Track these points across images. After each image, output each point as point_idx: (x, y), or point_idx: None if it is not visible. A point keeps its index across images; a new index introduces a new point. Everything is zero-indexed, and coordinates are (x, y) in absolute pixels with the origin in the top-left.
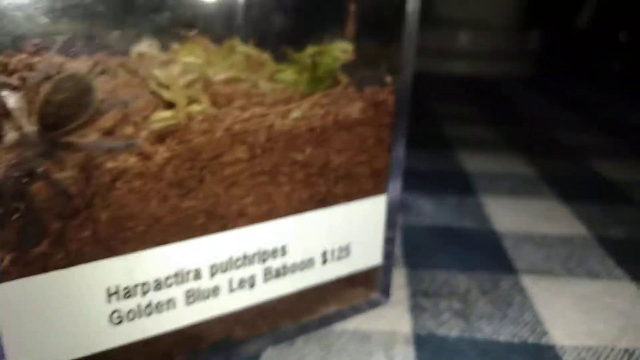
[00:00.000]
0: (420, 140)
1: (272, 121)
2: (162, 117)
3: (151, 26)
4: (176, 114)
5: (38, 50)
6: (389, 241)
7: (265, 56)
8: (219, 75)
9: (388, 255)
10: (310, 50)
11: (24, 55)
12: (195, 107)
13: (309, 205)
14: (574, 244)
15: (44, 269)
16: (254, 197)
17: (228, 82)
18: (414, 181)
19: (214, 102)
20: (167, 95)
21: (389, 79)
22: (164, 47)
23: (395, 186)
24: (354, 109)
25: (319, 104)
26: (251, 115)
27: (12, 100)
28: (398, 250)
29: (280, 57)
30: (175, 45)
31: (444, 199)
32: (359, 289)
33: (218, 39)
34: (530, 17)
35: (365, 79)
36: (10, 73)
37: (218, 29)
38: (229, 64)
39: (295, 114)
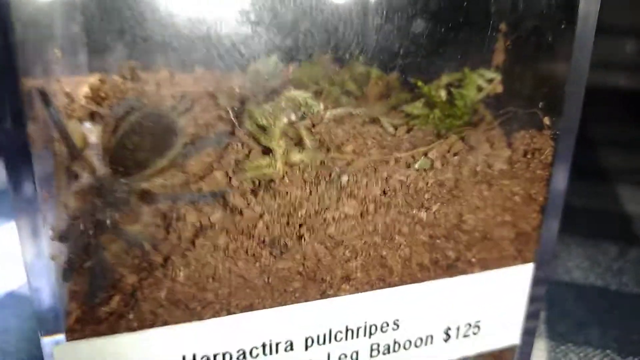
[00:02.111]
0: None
1: (390, 171)
2: (256, 165)
3: (278, 44)
4: (272, 162)
5: (135, 74)
6: (530, 318)
7: (393, 80)
8: (330, 111)
9: (528, 334)
10: (445, 79)
11: (118, 79)
12: (295, 156)
13: (432, 273)
14: None
15: (113, 330)
16: (363, 260)
17: (341, 119)
18: (563, 220)
19: (321, 144)
20: (263, 140)
21: (547, 120)
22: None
23: (546, 255)
24: (500, 158)
25: (453, 150)
26: (364, 165)
27: (94, 135)
28: (540, 315)
29: (409, 85)
30: (292, 65)
31: (601, 248)
32: None
33: (341, 60)
34: None
35: (516, 120)
36: (101, 100)
37: (344, 48)
38: (346, 90)
39: (421, 162)
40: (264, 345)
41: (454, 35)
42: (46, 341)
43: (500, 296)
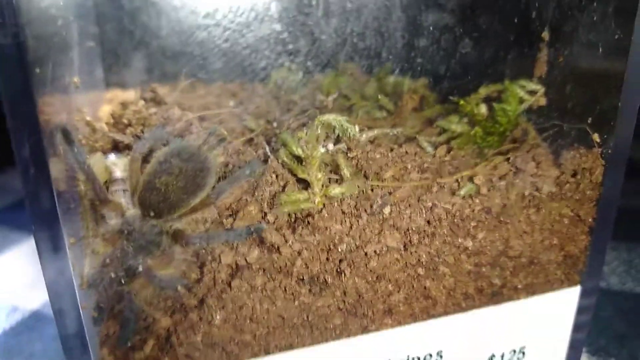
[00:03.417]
0: None
1: (434, 199)
2: (294, 200)
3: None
4: (310, 196)
5: (156, 97)
6: (576, 342)
7: (422, 88)
8: (366, 132)
9: (574, 348)
10: (484, 91)
11: (141, 103)
12: (334, 189)
13: (477, 302)
14: None
15: None
16: (406, 293)
17: (377, 140)
18: None
19: (359, 171)
20: (300, 172)
21: (597, 137)
22: (307, 75)
23: (594, 276)
24: (548, 180)
25: (498, 172)
26: (407, 194)
27: (119, 169)
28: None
29: (444, 97)
30: (317, 75)
31: (637, 251)
32: None
33: (368, 68)
34: None
35: (561, 137)
36: (123, 127)
37: (370, 55)
38: (377, 104)
39: (467, 188)
40: None
41: (492, 44)
42: None
43: (546, 321)
